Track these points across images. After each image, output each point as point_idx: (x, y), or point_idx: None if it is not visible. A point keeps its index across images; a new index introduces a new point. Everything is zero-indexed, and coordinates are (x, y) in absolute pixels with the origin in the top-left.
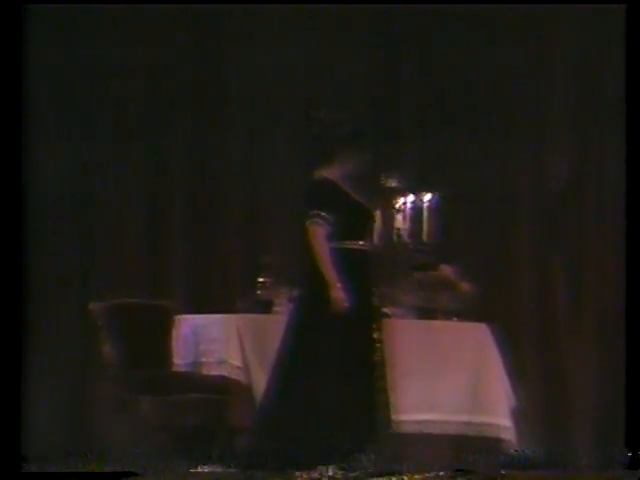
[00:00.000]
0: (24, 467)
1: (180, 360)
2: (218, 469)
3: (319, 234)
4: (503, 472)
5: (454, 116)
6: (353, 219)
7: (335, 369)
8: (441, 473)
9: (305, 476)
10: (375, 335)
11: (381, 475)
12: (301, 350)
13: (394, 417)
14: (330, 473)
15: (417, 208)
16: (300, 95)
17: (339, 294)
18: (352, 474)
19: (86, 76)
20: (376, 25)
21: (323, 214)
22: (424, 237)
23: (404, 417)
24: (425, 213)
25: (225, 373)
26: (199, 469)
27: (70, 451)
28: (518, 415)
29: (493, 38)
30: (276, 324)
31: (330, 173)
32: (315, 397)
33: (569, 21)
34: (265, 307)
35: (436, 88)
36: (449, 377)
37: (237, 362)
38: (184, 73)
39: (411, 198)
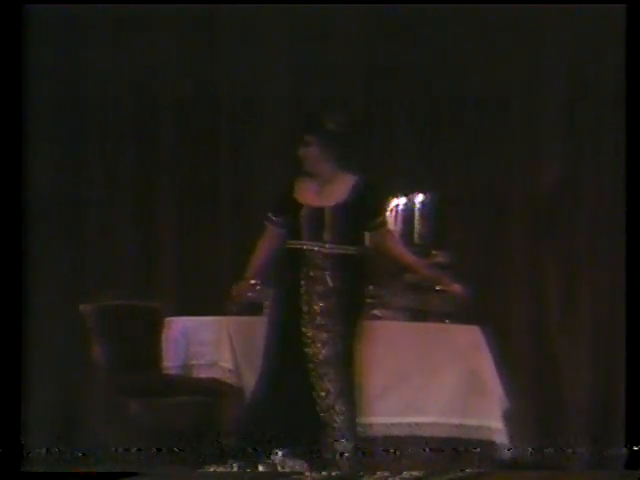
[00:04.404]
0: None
1: (171, 363)
2: (209, 470)
3: (266, 234)
4: (496, 471)
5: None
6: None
7: (321, 370)
8: (420, 473)
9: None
10: (362, 337)
11: (366, 475)
12: (286, 350)
13: (381, 419)
14: (314, 474)
15: (408, 209)
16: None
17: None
18: (337, 474)
19: (85, 76)
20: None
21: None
22: (415, 238)
23: (393, 419)
24: (417, 214)
25: (216, 375)
26: (191, 471)
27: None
28: (514, 415)
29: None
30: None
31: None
32: (303, 398)
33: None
34: (256, 309)
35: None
36: (439, 379)
37: (228, 364)
38: (180, 73)
39: (403, 199)
